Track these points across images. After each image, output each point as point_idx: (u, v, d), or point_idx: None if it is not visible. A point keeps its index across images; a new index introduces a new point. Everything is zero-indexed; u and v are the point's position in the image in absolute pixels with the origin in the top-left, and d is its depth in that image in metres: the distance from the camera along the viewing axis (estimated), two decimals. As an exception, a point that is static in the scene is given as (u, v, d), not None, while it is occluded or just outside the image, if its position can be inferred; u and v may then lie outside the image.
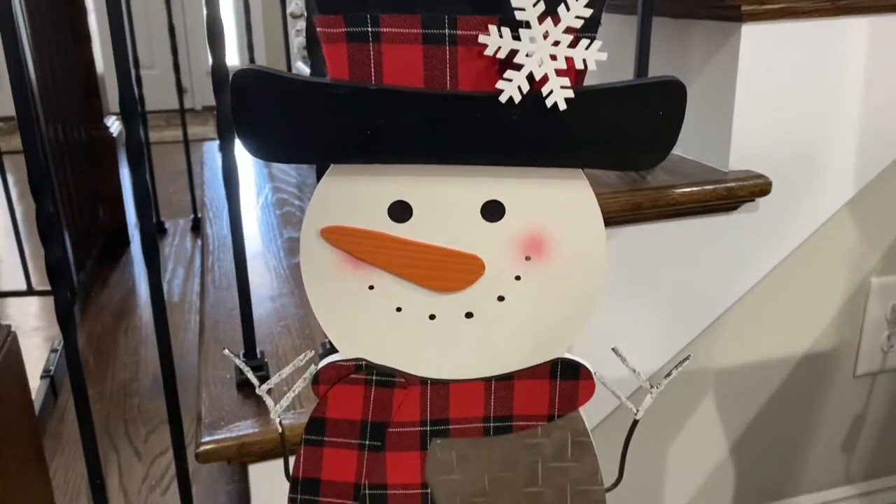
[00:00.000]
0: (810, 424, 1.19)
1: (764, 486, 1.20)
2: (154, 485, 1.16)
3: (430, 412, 0.58)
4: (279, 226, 1.56)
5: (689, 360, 0.58)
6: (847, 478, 1.24)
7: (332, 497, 0.61)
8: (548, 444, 0.60)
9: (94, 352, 1.59)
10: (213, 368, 1.01)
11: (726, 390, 1.11)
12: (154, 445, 1.26)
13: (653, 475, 1.13)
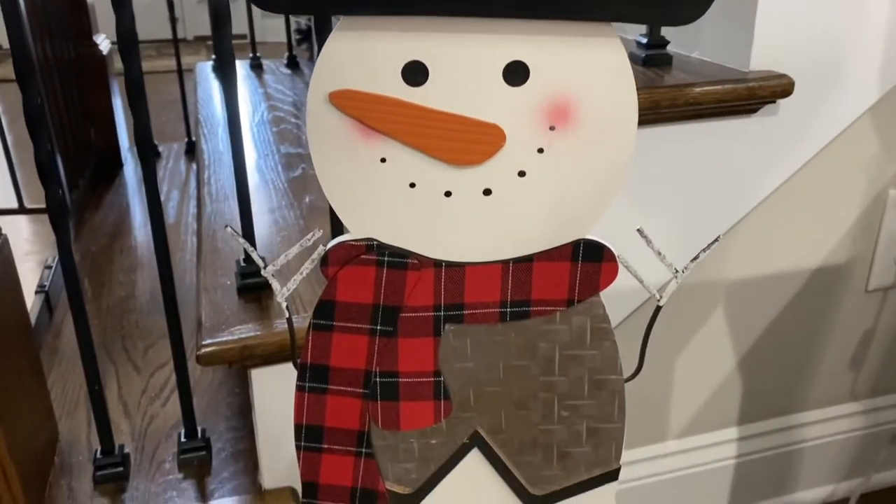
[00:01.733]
0: (819, 340, 1.17)
1: (770, 402, 1.19)
2: (154, 396, 1.14)
3: (445, 296, 0.56)
4: (276, 142, 1.51)
5: (718, 242, 0.55)
6: (853, 394, 1.23)
7: (342, 385, 0.58)
8: (566, 331, 0.57)
9: (88, 270, 1.56)
10: (213, 276, 0.98)
11: (736, 303, 1.09)
12: (153, 359, 1.24)
13: (659, 388, 1.12)
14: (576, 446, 0.62)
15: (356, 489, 0.62)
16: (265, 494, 0.95)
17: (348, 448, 0.61)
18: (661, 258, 0.55)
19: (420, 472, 0.63)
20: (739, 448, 1.18)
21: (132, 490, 0.96)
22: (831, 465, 1.25)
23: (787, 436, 1.21)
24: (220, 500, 0.94)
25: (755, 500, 1.23)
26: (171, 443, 1.04)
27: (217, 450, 1.02)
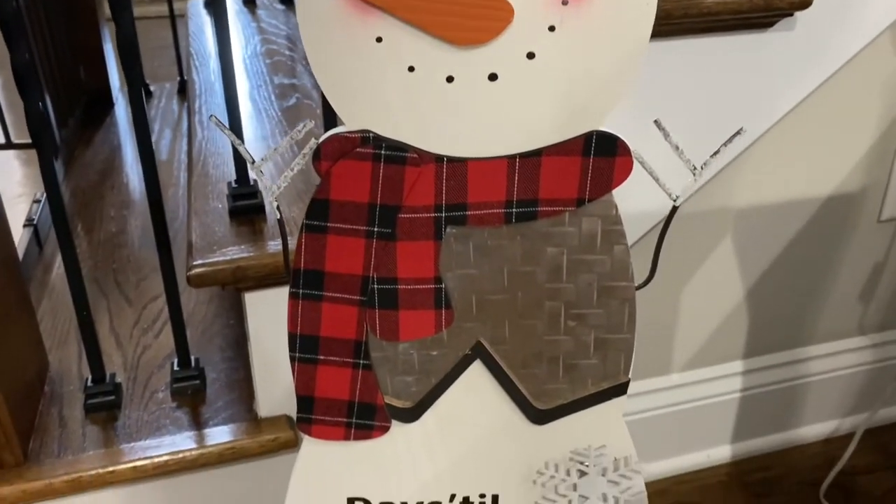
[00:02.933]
0: (829, 271, 1.14)
1: (777, 335, 1.16)
2: (146, 328, 1.12)
3: (446, 195, 0.52)
4: (269, 73, 1.46)
5: (741, 135, 0.51)
6: (861, 328, 1.21)
7: (338, 291, 0.55)
8: (575, 234, 0.54)
9: (79, 207, 1.52)
10: (204, 200, 0.95)
11: (745, 233, 1.06)
12: (145, 292, 1.21)
13: (664, 320, 1.09)
14: (583, 358, 0.59)
15: (353, 403, 0.60)
16: (261, 423, 0.93)
17: (345, 359, 0.58)
18: (678, 153, 0.51)
19: (420, 385, 0.60)
20: (744, 382, 1.16)
21: (124, 419, 0.94)
22: (837, 400, 1.23)
23: (793, 370, 1.19)
24: (215, 428, 0.92)
25: (759, 434, 1.21)
26: (164, 373, 1.01)
27: (211, 380, 1.00)
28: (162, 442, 0.89)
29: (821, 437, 1.23)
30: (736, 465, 1.18)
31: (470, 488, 0.65)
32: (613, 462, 0.63)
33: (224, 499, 0.95)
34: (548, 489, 0.64)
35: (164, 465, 0.88)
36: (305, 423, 0.61)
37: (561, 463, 0.63)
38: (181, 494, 0.93)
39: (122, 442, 0.90)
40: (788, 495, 1.13)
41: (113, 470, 0.86)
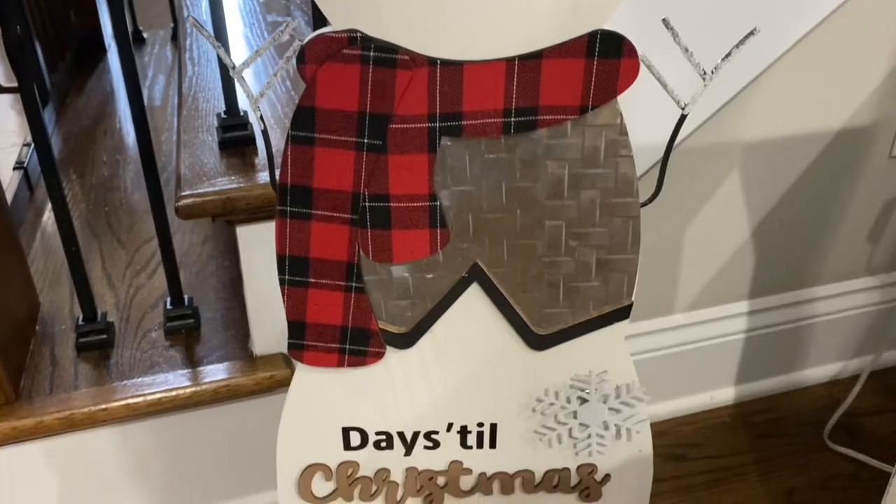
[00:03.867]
0: (837, 209, 1.11)
1: (782, 275, 1.14)
2: (139, 269, 1.10)
3: (440, 103, 0.49)
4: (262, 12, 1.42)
5: (754, 35, 0.48)
6: (869, 269, 1.18)
7: (327, 209, 0.52)
8: (577, 146, 0.51)
9: (71, 152, 1.49)
10: (194, 133, 0.92)
11: (753, 167, 1.03)
12: (138, 235, 1.18)
13: (668, 258, 1.07)
14: (584, 280, 0.57)
15: (346, 328, 0.58)
16: (256, 360, 0.91)
17: (336, 282, 0.56)
18: (687, 56, 0.48)
19: (415, 309, 0.58)
20: (749, 323, 1.14)
21: (116, 357, 0.92)
22: (842, 341, 1.21)
23: (799, 311, 1.16)
24: (209, 366, 0.90)
25: (763, 376, 1.20)
26: (157, 313, 0.99)
27: (206, 319, 0.98)
28: (155, 380, 0.88)
29: (825, 380, 1.22)
30: (739, 407, 1.17)
31: (468, 417, 0.64)
32: (615, 389, 0.61)
33: (219, 438, 0.93)
34: (547, 417, 0.63)
35: (157, 403, 0.86)
36: (297, 350, 0.59)
37: (561, 390, 0.61)
38: (176, 433, 0.91)
39: (115, 380, 0.88)
40: (792, 436, 1.11)
41: (105, 408, 0.85)
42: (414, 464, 0.66)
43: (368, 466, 0.66)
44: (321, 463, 0.65)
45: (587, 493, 0.67)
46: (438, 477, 0.66)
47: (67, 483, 0.91)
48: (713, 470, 1.06)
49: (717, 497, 1.02)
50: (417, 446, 0.65)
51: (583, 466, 0.66)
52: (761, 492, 1.03)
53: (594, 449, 0.64)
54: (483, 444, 0.65)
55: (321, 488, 0.66)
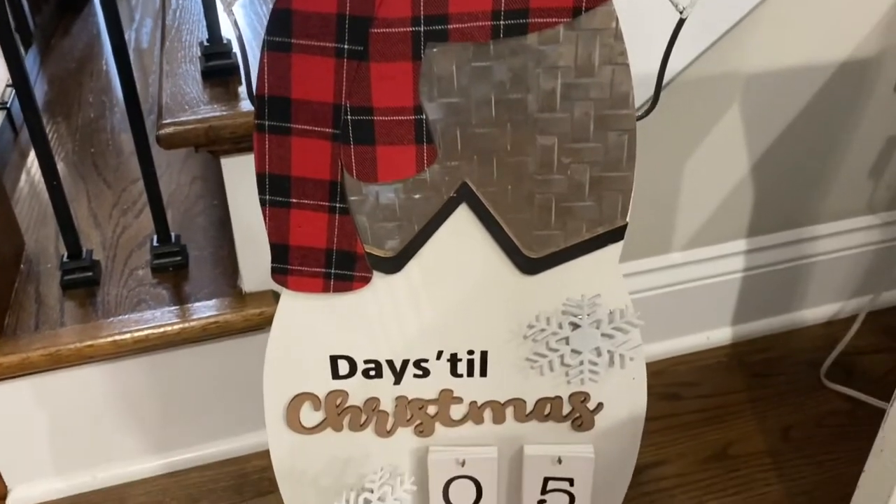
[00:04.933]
0: (839, 145, 1.09)
1: (781, 213, 1.12)
2: (126, 209, 1.07)
3: (424, 5, 0.46)
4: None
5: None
6: (870, 206, 1.16)
7: (308, 123, 0.50)
8: (570, 53, 0.49)
9: (56, 93, 1.45)
10: (176, 63, 0.89)
11: (754, 100, 1.00)
12: (125, 175, 1.16)
13: (666, 195, 1.04)
14: (577, 200, 0.55)
15: (331, 251, 0.56)
16: (245, 297, 0.89)
17: (320, 202, 0.54)
18: (686, -47, 0.45)
19: (402, 232, 0.56)
20: (747, 261, 1.13)
21: (102, 295, 0.90)
22: (841, 281, 1.20)
23: (798, 249, 1.15)
24: (198, 303, 0.89)
25: (760, 317, 1.18)
26: (144, 251, 0.97)
27: (194, 258, 0.96)
28: (142, 317, 0.86)
29: (823, 320, 1.21)
30: (735, 347, 1.16)
31: (457, 344, 0.62)
32: (608, 314, 0.59)
33: (210, 377, 0.92)
34: (539, 344, 0.61)
35: (144, 340, 0.85)
36: (281, 274, 0.57)
37: (553, 316, 0.60)
38: (165, 372, 0.90)
39: (101, 318, 0.87)
40: (788, 375, 1.11)
41: (91, 344, 0.83)
42: (404, 393, 0.64)
43: (357, 396, 0.64)
44: (309, 392, 0.64)
45: (579, 422, 0.66)
46: (429, 406, 0.65)
47: (57, 421, 0.90)
48: (708, 408, 1.06)
49: (711, 435, 1.02)
50: (407, 375, 0.64)
51: (575, 395, 0.65)
52: (757, 429, 1.02)
53: (586, 376, 0.62)
54: (474, 372, 0.64)
55: (310, 419, 0.65)
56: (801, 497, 0.93)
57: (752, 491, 0.94)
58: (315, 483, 0.69)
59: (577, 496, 0.68)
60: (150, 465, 0.96)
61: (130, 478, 0.96)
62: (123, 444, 0.95)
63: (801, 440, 1.01)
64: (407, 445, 0.67)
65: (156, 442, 0.96)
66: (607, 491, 0.70)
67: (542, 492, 0.68)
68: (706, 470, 0.97)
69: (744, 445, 1.00)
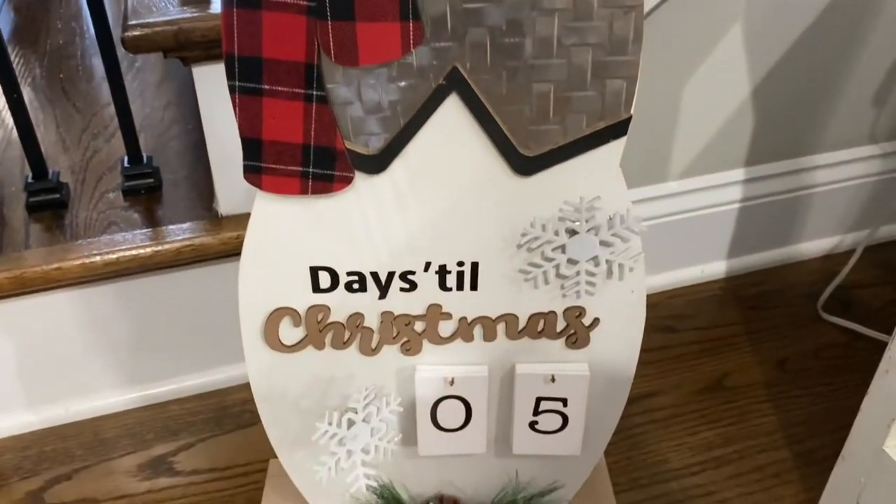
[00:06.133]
0: (841, 71, 1.04)
1: (781, 142, 1.08)
2: (97, 133, 1.02)
3: None
4: None
5: None
6: (872, 136, 1.12)
7: None
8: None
9: (23, 20, 1.38)
10: (145, -31, 0.82)
11: (754, 22, 0.95)
12: (95, 99, 1.10)
13: (662, 121, 1.00)
14: (578, 89, 0.50)
15: (308, 146, 0.51)
16: (222, 220, 0.85)
17: (294, 90, 0.49)
18: None
19: (386, 126, 0.51)
20: (744, 192, 1.09)
21: (71, 218, 0.85)
22: (839, 214, 1.17)
23: (797, 179, 1.11)
24: (172, 226, 0.84)
25: (756, 250, 1.15)
26: (115, 175, 0.92)
27: (168, 181, 0.91)
28: (113, 239, 0.82)
29: (820, 254, 1.18)
30: (731, 281, 1.13)
31: (446, 255, 0.58)
32: (608, 220, 0.56)
33: (185, 304, 0.88)
34: (533, 254, 0.57)
35: (115, 263, 0.80)
36: (254, 173, 0.53)
37: (549, 222, 0.56)
38: (139, 299, 0.86)
39: (69, 240, 0.82)
40: (785, 308, 1.08)
41: (59, 266, 0.79)
42: (389, 308, 0.61)
43: (340, 311, 0.61)
44: (288, 307, 0.60)
45: (574, 339, 0.63)
46: (416, 322, 0.61)
47: (26, 350, 0.86)
48: (703, 341, 1.03)
49: (706, 366, 0.99)
50: (393, 288, 0.60)
51: (570, 310, 0.61)
52: (752, 361, 1.00)
53: (583, 289, 0.59)
54: (464, 285, 0.60)
55: (289, 336, 0.62)
56: (797, 427, 0.91)
57: (748, 421, 0.92)
58: (296, 405, 0.65)
59: (571, 417, 0.65)
60: (126, 397, 0.93)
61: (105, 411, 0.92)
62: (97, 375, 0.91)
63: (797, 372, 0.98)
64: (393, 364, 0.64)
65: (131, 374, 0.92)
66: (602, 412, 0.67)
67: (534, 412, 0.65)
68: (701, 401, 0.95)
69: (739, 377, 0.98)
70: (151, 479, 0.85)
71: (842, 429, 0.80)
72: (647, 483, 0.85)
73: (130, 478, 0.85)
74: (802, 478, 0.85)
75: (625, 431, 0.90)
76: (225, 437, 0.90)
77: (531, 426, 0.66)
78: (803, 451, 0.89)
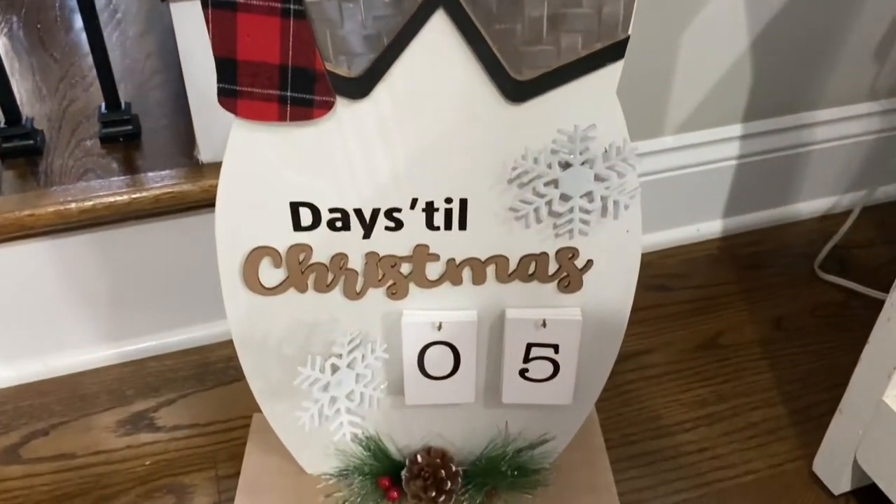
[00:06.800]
0: (843, 24, 1.01)
1: (779, 97, 1.05)
2: (74, 82, 0.98)
3: None
4: None
5: None
6: (872, 92, 1.10)
7: None
8: None
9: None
10: None
11: (757, -34, 0.92)
12: (73, 49, 1.06)
13: (658, 74, 0.97)
14: (573, 5, 0.47)
15: (286, 68, 0.48)
16: (203, 168, 0.82)
17: (271, 3, 0.46)
18: None
19: (368, 45, 0.49)
20: (742, 148, 1.06)
21: (45, 165, 0.82)
22: (837, 173, 1.14)
23: (794, 136, 1.09)
24: (150, 173, 0.81)
25: (752, 210, 1.13)
26: (93, 123, 0.89)
27: (148, 130, 0.88)
28: (89, 185, 0.79)
29: (817, 214, 1.15)
30: (726, 240, 1.11)
31: (434, 191, 0.56)
32: (603, 152, 0.53)
33: (165, 257, 0.85)
34: (525, 190, 0.55)
35: (91, 210, 0.77)
36: (229, 97, 0.50)
37: (541, 154, 0.53)
38: (116, 250, 0.83)
39: (43, 187, 0.79)
40: (781, 267, 1.06)
41: (32, 213, 0.76)
42: (374, 248, 0.58)
43: (323, 251, 0.58)
44: (268, 246, 0.57)
45: (566, 282, 0.60)
46: (402, 264, 0.59)
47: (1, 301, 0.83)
48: (697, 300, 1.01)
49: (700, 325, 0.97)
50: (378, 227, 0.57)
51: (562, 251, 0.59)
52: (747, 319, 0.98)
53: (576, 227, 0.56)
54: (452, 224, 0.57)
55: (270, 277, 0.59)
56: (793, 384, 0.89)
57: (743, 379, 0.90)
58: (278, 352, 0.63)
59: (563, 364, 0.63)
60: (105, 353, 0.90)
61: (84, 367, 0.90)
62: (76, 330, 0.88)
63: (793, 330, 0.97)
64: (378, 309, 0.61)
65: (111, 329, 0.89)
66: (594, 360, 0.65)
67: (524, 360, 0.63)
68: (695, 359, 0.93)
69: (734, 335, 0.96)
70: (131, 435, 0.83)
71: (838, 386, 0.79)
72: (639, 439, 0.83)
73: (110, 433, 0.83)
74: (798, 434, 0.84)
75: (616, 388, 0.88)
76: (207, 394, 0.87)
77: (521, 374, 0.64)
78: (799, 408, 0.87)
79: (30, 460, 0.80)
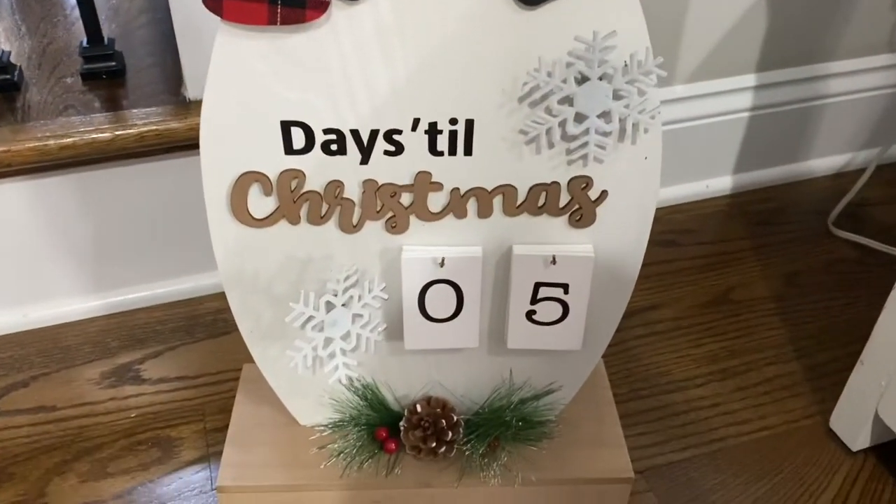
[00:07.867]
0: (864, -33, 0.97)
1: (795, 46, 1.01)
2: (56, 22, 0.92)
3: None
4: None
5: None
6: (891, 44, 1.05)
7: None
8: None
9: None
10: None
11: None
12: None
13: (670, 20, 0.93)
14: None
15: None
16: (190, 105, 0.77)
17: None
18: None
19: (368, -62, 0.44)
20: (754, 99, 1.02)
21: (22, 101, 0.78)
22: (852, 129, 1.10)
23: (810, 88, 1.04)
24: (135, 110, 0.77)
25: (764, 166, 1.09)
26: (75, 60, 0.84)
27: (134, 67, 0.84)
28: (69, 121, 0.74)
29: (830, 172, 1.12)
30: (736, 197, 1.07)
31: (437, 110, 0.51)
32: (623, 65, 0.49)
33: (151, 202, 0.81)
34: (536, 109, 0.51)
35: (71, 147, 0.73)
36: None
37: (555, 66, 0.49)
38: (98, 193, 0.79)
39: (21, 123, 0.74)
40: (794, 224, 1.02)
41: (8, 150, 0.71)
42: (372, 175, 0.54)
43: (317, 177, 0.54)
44: (257, 171, 0.53)
45: (578, 215, 0.56)
46: (402, 194, 0.55)
47: (-24, 247, 0.79)
48: (708, 255, 0.97)
49: (711, 280, 0.93)
50: (376, 151, 0.53)
51: (575, 180, 0.54)
52: (760, 275, 0.94)
53: (591, 151, 0.52)
54: (456, 148, 0.53)
55: (260, 207, 0.55)
56: (807, 341, 0.86)
57: (755, 335, 0.86)
58: (269, 290, 0.59)
59: (572, 306, 0.59)
60: (89, 304, 0.86)
61: (66, 318, 0.86)
62: (58, 280, 0.84)
63: (807, 286, 0.93)
64: (376, 244, 0.57)
65: (94, 279, 0.85)
66: (604, 304, 0.61)
67: (532, 300, 0.59)
68: (706, 314, 0.89)
69: (746, 291, 0.92)
70: (115, 387, 0.79)
71: (854, 342, 0.75)
72: (649, 394, 0.79)
73: (92, 385, 0.79)
74: (814, 390, 0.80)
75: (623, 343, 0.84)
76: (195, 346, 0.83)
77: (528, 316, 0.60)
78: (814, 364, 0.83)
79: (8, 412, 0.76)
